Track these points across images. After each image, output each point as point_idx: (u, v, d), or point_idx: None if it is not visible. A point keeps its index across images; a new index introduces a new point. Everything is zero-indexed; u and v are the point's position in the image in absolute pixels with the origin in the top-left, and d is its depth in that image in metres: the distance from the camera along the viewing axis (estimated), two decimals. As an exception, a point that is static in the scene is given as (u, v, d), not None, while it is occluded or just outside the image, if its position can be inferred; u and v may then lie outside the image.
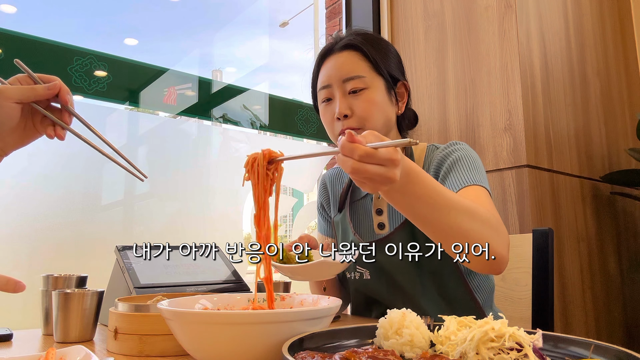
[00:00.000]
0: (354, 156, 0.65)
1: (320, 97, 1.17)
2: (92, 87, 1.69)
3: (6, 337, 0.87)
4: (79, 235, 1.61)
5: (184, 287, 1.04)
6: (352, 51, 1.13)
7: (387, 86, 1.14)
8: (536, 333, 0.55)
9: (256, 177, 0.74)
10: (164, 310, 0.62)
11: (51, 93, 0.77)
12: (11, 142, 0.78)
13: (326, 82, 1.14)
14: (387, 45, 1.18)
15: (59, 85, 0.78)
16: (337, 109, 1.10)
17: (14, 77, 0.78)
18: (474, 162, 1.07)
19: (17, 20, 1.77)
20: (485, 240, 0.85)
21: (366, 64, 1.12)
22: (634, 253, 2.07)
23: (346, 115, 1.10)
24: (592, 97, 2.02)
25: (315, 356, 0.51)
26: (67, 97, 0.79)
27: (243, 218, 2.07)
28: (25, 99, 0.76)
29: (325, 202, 1.35)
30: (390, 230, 1.16)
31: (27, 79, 0.78)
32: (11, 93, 0.74)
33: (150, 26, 2.49)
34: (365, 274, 1.17)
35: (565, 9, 1.96)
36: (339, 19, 2.46)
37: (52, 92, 0.77)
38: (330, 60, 1.15)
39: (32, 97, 0.76)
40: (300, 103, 2.35)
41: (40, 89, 0.77)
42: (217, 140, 2.10)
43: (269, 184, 0.74)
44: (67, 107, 0.79)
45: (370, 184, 0.70)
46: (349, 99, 1.11)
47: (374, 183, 0.69)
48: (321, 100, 1.17)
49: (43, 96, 0.77)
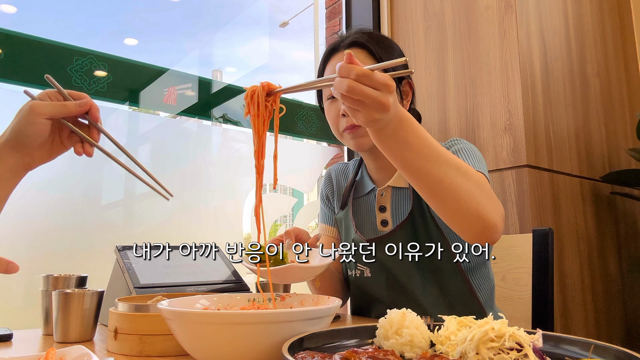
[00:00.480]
0: (351, 75, 0.66)
1: (326, 94, 1.17)
2: (92, 87, 1.69)
3: (6, 337, 0.87)
4: (79, 235, 1.61)
5: (184, 287, 1.04)
6: (357, 49, 1.13)
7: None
8: (536, 333, 0.55)
9: (256, 108, 0.76)
10: (164, 310, 0.62)
11: (82, 110, 0.77)
12: (38, 157, 0.78)
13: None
14: (392, 44, 1.18)
15: (89, 103, 0.78)
16: (342, 105, 1.10)
17: (44, 92, 0.78)
18: (475, 153, 1.08)
19: (17, 20, 1.77)
20: (477, 202, 0.83)
21: (371, 61, 1.11)
22: (634, 253, 2.07)
23: None
24: (592, 97, 2.02)
25: (315, 356, 0.51)
26: (97, 114, 0.79)
27: (243, 218, 2.07)
28: (57, 115, 0.75)
29: (330, 194, 1.35)
30: (392, 227, 1.16)
31: (57, 94, 0.78)
32: (43, 109, 0.74)
33: (150, 26, 2.49)
34: (365, 272, 1.17)
35: (565, 9, 1.96)
36: (339, 19, 2.46)
37: (84, 109, 0.77)
38: (336, 58, 1.15)
39: (63, 114, 0.76)
40: (300, 103, 2.35)
41: (72, 106, 0.76)
42: (217, 140, 2.10)
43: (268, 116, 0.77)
44: (97, 125, 0.79)
45: (364, 111, 0.70)
46: None
47: (367, 109, 0.70)
48: (326, 97, 1.17)
49: (74, 113, 0.77)
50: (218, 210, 1.99)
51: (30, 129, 0.74)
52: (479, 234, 0.86)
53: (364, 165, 1.27)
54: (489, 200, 0.86)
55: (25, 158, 0.76)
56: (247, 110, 0.77)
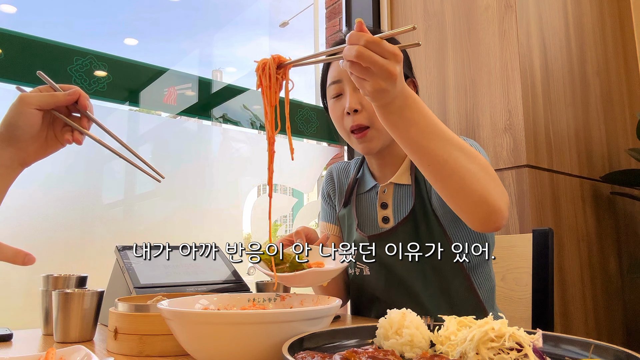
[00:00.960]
0: (360, 42, 0.68)
1: (330, 92, 1.16)
2: (92, 87, 1.69)
3: (6, 337, 0.87)
4: (79, 235, 1.61)
5: (184, 287, 1.04)
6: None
7: None
8: (536, 333, 0.55)
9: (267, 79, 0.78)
10: (164, 310, 0.62)
11: (71, 99, 0.77)
12: (32, 152, 0.77)
13: (336, 77, 1.14)
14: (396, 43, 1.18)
15: (78, 92, 0.78)
16: (347, 103, 1.10)
17: (36, 88, 0.78)
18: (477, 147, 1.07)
19: (17, 20, 1.77)
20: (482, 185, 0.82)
21: None
22: (634, 253, 2.07)
23: (356, 110, 1.10)
24: (592, 97, 2.02)
25: (315, 356, 0.51)
26: (86, 102, 0.79)
27: (243, 218, 2.07)
28: (46, 105, 0.75)
29: (332, 191, 1.35)
30: (394, 224, 1.16)
31: (49, 89, 0.78)
32: (32, 99, 0.74)
33: (150, 26, 2.49)
34: (365, 270, 1.17)
35: (565, 9, 1.96)
36: (339, 19, 2.46)
37: (72, 98, 0.77)
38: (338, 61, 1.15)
39: (52, 104, 0.76)
40: (300, 103, 2.35)
41: (61, 95, 0.76)
42: (217, 140, 2.10)
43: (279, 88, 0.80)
44: (86, 113, 0.79)
45: (371, 79, 0.72)
46: (359, 94, 1.10)
47: (374, 78, 0.71)
48: (331, 96, 1.16)
49: (63, 102, 0.77)
50: (218, 210, 1.99)
51: (20, 119, 0.74)
52: (484, 218, 0.86)
53: (366, 163, 1.27)
54: (494, 184, 0.85)
55: (20, 153, 0.76)
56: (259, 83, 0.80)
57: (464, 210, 0.87)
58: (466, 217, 0.88)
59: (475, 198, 0.83)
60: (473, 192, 0.82)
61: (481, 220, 0.87)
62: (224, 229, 1.99)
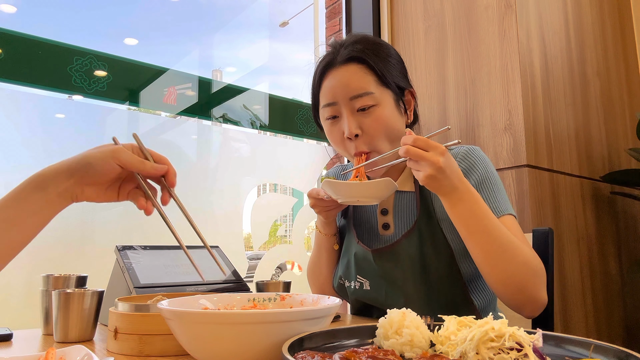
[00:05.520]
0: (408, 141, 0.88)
1: (325, 114, 1.11)
2: (92, 87, 1.69)
3: (6, 337, 0.87)
4: (79, 235, 1.61)
5: (184, 287, 1.04)
6: (356, 64, 1.07)
7: (396, 98, 1.09)
8: (536, 333, 0.55)
9: None
10: (164, 310, 0.62)
11: (156, 174, 0.79)
12: (89, 193, 0.77)
13: (332, 99, 1.08)
14: (389, 50, 1.13)
15: (166, 168, 0.79)
16: (346, 129, 1.06)
17: (129, 144, 0.80)
18: (497, 183, 1.06)
19: (17, 20, 1.77)
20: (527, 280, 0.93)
21: (372, 77, 1.06)
22: (634, 253, 2.07)
23: (357, 135, 1.06)
24: (592, 97, 2.03)
25: (315, 356, 0.51)
26: (174, 180, 0.81)
27: (243, 218, 2.07)
28: (130, 167, 0.76)
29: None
30: (395, 231, 1.14)
31: (138, 150, 0.80)
32: (122, 157, 0.75)
33: (150, 26, 2.49)
34: (365, 284, 1.14)
35: (565, 9, 1.96)
36: (339, 19, 2.46)
37: (159, 173, 0.79)
38: (334, 75, 1.08)
39: (137, 170, 0.77)
40: (300, 103, 2.35)
41: (149, 166, 0.78)
42: (217, 140, 2.10)
43: None
44: (170, 190, 0.80)
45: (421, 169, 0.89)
46: (358, 117, 1.06)
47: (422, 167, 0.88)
48: (326, 118, 1.11)
49: (149, 174, 0.79)
50: (218, 210, 1.99)
51: (99, 165, 0.74)
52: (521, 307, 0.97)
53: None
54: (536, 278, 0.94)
55: (76, 188, 0.75)
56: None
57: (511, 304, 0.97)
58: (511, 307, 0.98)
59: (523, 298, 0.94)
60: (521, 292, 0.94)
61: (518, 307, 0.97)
62: (223, 228, 1.99)
